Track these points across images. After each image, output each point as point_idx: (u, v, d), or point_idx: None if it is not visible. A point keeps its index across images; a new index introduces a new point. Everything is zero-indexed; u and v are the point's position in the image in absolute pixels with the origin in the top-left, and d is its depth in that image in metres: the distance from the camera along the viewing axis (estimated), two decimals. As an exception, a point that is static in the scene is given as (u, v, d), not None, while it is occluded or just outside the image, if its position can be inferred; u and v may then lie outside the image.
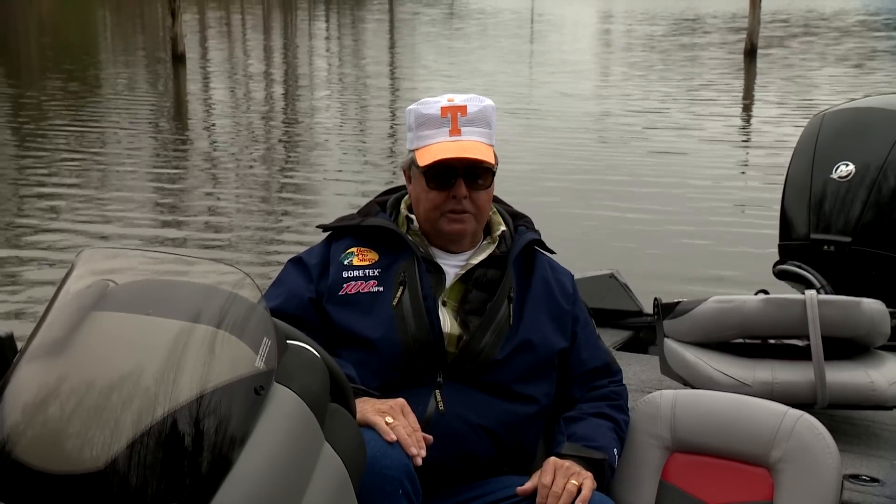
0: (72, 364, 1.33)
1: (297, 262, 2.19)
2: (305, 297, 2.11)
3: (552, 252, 2.29)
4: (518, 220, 2.27)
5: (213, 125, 14.42)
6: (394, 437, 1.78)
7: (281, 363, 1.46)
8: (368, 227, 2.16)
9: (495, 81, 17.58)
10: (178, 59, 20.89)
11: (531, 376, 2.11)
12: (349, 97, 17.20)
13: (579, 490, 1.92)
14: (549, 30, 32.18)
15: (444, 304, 2.10)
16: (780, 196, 3.97)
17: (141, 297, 1.42)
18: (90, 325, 1.36)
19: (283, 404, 1.40)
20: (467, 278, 2.13)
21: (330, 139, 13.07)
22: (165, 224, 8.62)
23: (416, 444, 1.80)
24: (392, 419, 1.82)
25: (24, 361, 1.35)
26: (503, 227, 2.21)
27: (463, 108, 2.12)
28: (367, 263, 2.12)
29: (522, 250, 2.18)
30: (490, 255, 2.15)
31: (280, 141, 13.12)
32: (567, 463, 1.97)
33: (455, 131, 2.11)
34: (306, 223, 8.48)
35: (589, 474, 1.96)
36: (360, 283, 2.09)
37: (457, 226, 2.12)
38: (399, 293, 2.06)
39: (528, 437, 2.12)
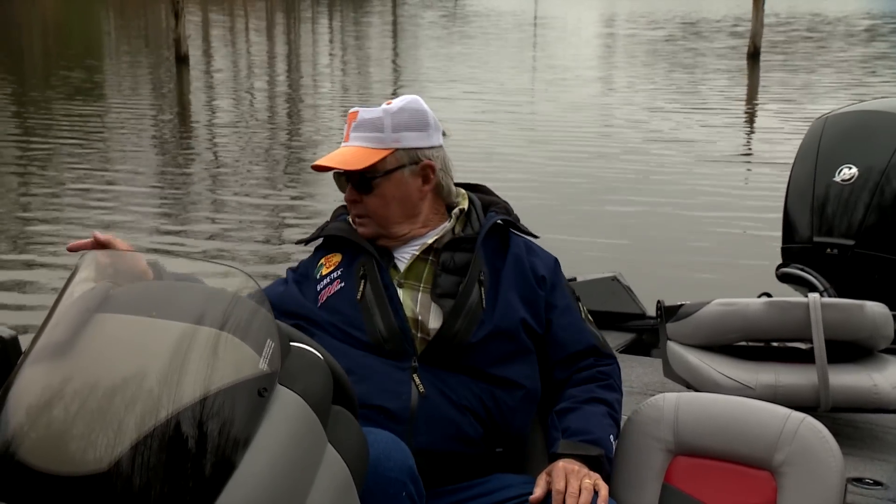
0: (76, 366, 1.33)
1: (294, 270, 2.29)
2: (300, 304, 2.16)
3: (534, 236, 2.29)
4: (491, 207, 2.29)
5: (217, 126, 14.44)
6: None
7: (284, 365, 1.46)
8: (328, 234, 2.26)
9: (495, 88, 17.58)
10: (182, 60, 20.91)
11: (508, 359, 2.11)
12: (353, 96, 17.22)
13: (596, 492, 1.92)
14: (550, 34, 32.15)
15: (400, 285, 2.13)
16: (782, 199, 3.97)
17: (144, 300, 1.43)
18: (94, 327, 1.36)
19: (287, 406, 1.40)
20: (427, 258, 2.16)
21: (334, 138, 13.08)
22: (169, 226, 8.63)
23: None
24: None
25: (28, 363, 1.35)
26: (462, 206, 2.24)
27: (355, 115, 2.22)
28: (332, 268, 2.20)
29: (494, 233, 2.19)
30: (457, 239, 2.18)
31: (283, 142, 13.13)
32: (576, 466, 1.97)
33: (346, 137, 2.23)
34: (310, 225, 8.48)
35: (597, 475, 1.97)
36: (328, 288, 2.16)
37: (361, 229, 2.21)
38: (361, 287, 2.11)
39: (515, 419, 2.11)
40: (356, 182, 2.18)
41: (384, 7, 45.40)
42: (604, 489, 1.93)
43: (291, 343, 1.55)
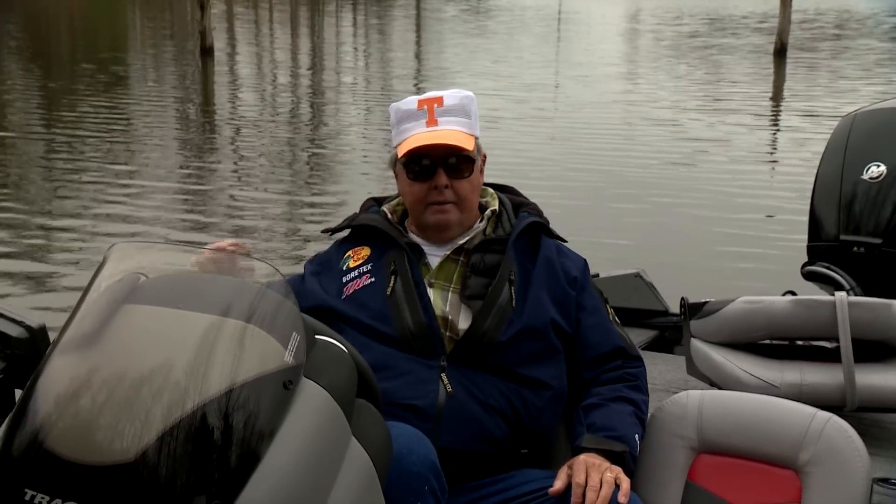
0: (103, 356, 1.34)
1: (312, 262, 2.28)
2: (321, 297, 2.16)
3: (563, 240, 2.29)
4: (522, 208, 2.28)
5: (241, 118, 14.49)
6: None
7: (309, 358, 1.47)
8: (358, 224, 2.23)
9: (519, 84, 17.55)
10: (207, 52, 21.00)
11: (537, 359, 2.10)
12: (376, 89, 17.24)
13: (617, 486, 1.91)
14: (574, 29, 32.02)
15: (430, 285, 2.12)
16: (809, 196, 3.93)
17: (172, 291, 1.43)
18: (121, 318, 1.37)
19: (312, 399, 1.41)
20: (458, 259, 2.15)
21: (357, 130, 13.11)
22: (192, 218, 8.67)
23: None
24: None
25: (56, 353, 1.36)
26: (494, 207, 2.23)
27: (439, 100, 2.16)
28: (360, 262, 2.18)
29: (525, 234, 2.19)
30: (488, 240, 2.16)
31: (307, 135, 13.17)
32: (597, 460, 1.96)
33: (432, 122, 2.15)
34: (334, 216, 8.50)
35: (619, 468, 1.95)
36: (356, 281, 2.15)
37: (440, 216, 2.15)
38: (392, 283, 2.10)
39: (542, 419, 2.11)
40: (456, 166, 2.14)
41: (408, 0, 45.39)
42: (625, 482, 1.91)
43: (317, 336, 1.56)
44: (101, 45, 26.14)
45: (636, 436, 2.07)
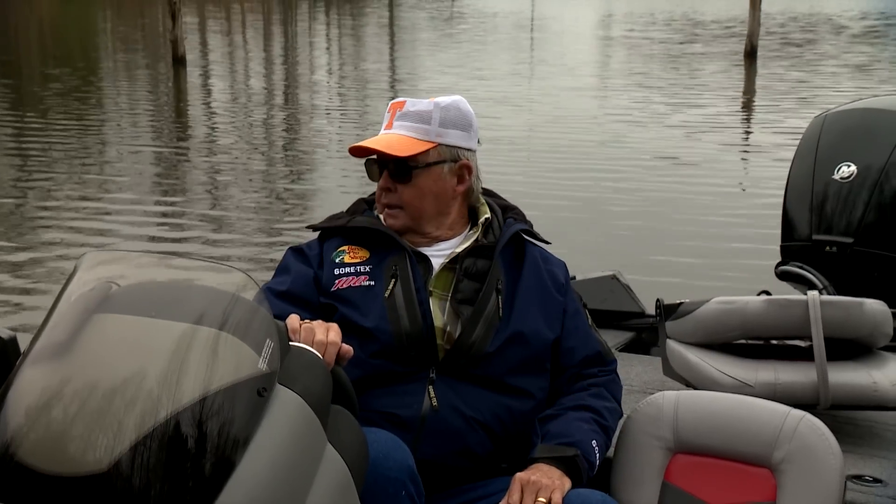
0: (75, 366, 1.33)
1: (298, 251, 2.22)
2: (311, 282, 2.13)
3: (547, 242, 2.29)
4: (508, 213, 2.28)
5: (214, 127, 14.43)
6: (300, 334, 1.71)
7: (283, 365, 1.46)
8: (357, 227, 2.19)
9: (493, 94, 17.59)
10: (179, 61, 20.88)
11: (524, 369, 2.10)
12: (350, 99, 17.21)
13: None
14: (547, 36, 32.09)
15: (430, 293, 2.11)
16: (781, 197, 3.96)
17: (144, 300, 1.43)
18: (93, 327, 1.36)
19: (286, 406, 1.41)
20: (454, 267, 2.14)
21: (332, 138, 13.08)
22: (167, 226, 8.62)
23: (329, 354, 1.70)
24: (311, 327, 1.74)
25: (27, 364, 1.35)
26: (487, 215, 2.23)
27: (402, 104, 2.19)
28: (358, 260, 2.14)
29: (512, 241, 2.19)
30: (478, 246, 2.16)
31: (281, 143, 13.13)
32: (534, 477, 1.91)
33: (389, 125, 2.19)
34: (308, 223, 8.45)
35: (559, 483, 1.91)
36: (351, 278, 2.11)
37: (390, 220, 2.17)
38: (391, 286, 2.07)
39: (525, 432, 2.10)
40: (394, 170, 2.14)
41: (378, 9, 45.35)
42: (556, 501, 1.88)
43: (291, 343, 1.56)
44: (72, 54, 25.93)
45: (593, 441, 2.04)
